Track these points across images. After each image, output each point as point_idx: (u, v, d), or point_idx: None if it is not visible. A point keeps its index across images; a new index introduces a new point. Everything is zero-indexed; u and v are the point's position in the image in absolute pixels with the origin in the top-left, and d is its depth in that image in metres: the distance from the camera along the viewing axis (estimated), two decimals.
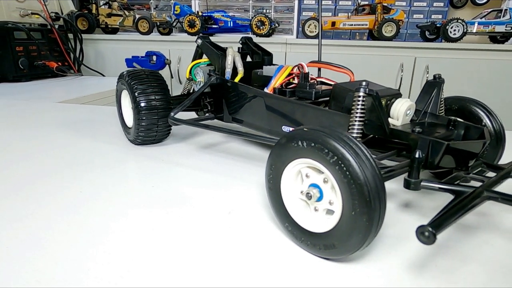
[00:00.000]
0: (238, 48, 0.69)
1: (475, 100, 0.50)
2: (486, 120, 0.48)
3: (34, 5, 1.51)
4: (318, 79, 0.56)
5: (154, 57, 1.54)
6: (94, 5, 1.90)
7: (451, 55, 1.73)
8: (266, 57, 0.68)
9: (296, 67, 0.54)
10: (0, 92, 1.23)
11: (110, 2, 1.95)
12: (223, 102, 0.60)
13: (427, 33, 1.93)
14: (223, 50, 0.62)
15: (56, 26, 1.69)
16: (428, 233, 0.26)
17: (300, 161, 0.34)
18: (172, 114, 0.57)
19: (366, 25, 1.87)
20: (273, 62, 0.69)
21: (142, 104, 0.59)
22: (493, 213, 0.44)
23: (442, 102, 0.48)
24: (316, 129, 0.32)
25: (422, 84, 0.53)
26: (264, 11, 2.09)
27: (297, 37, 2.12)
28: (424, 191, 0.48)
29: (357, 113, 0.38)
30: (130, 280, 0.31)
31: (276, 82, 0.52)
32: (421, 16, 2.07)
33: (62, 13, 1.67)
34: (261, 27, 1.86)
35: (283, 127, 0.51)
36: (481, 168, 0.42)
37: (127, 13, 1.94)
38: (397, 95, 0.45)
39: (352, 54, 1.80)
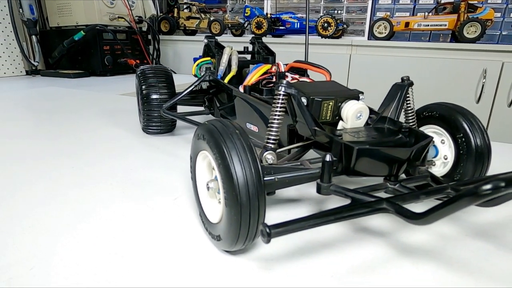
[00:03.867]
0: (245, 47, 0.71)
1: (457, 109, 0.44)
2: (466, 131, 0.42)
3: (122, 9, 1.73)
4: (301, 79, 0.55)
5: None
6: (176, 9, 2.09)
7: None
8: (269, 57, 0.69)
9: (275, 66, 0.54)
10: (85, 84, 1.46)
11: (190, 6, 2.12)
12: (214, 98, 0.64)
13: None
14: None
15: (145, 28, 1.92)
16: (264, 232, 0.26)
17: (205, 154, 0.36)
18: (164, 106, 0.62)
19: (445, 25, 1.69)
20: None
21: (146, 96, 0.66)
22: (456, 237, 0.39)
23: (409, 106, 0.44)
24: (212, 123, 0.34)
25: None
26: (335, 12, 2.04)
27: (368, 39, 2.02)
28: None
29: (276, 111, 0.38)
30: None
31: (250, 80, 0.53)
32: None
33: (146, 17, 1.89)
34: (328, 28, 1.83)
35: (246, 124, 0.52)
36: (426, 182, 0.37)
37: (203, 16, 2.09)
38: (352, 97, 0.43)
39: (426, 57, 1.65)
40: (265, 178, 0.35)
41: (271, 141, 0.38)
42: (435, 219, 0.26)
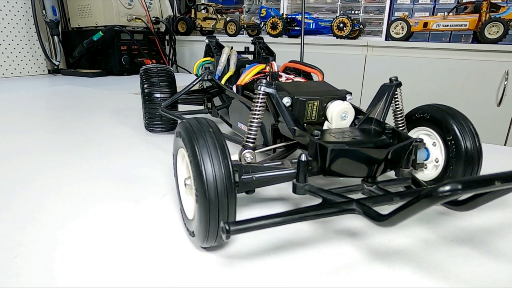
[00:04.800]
0: (246, 47, 0.72)
1: (448, 111, 0.43)
2: (456, 134, 0.41)
3: (140, 10, 1.78)
4: (296, 79, 0.55)
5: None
6: (193, 10, 2.12)
7: None
8: (269, 57, 0.69)
9: (269, 66, 0.54)
10: (101, 83, 1.51)
11: (207, 6, 2.15)
12: (211, 97, 0.65)
13: None
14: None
15: (163, 29, 1.96)
16: (223, 229, 0.26)
17: (182, 151, 0.36)
18: (163, 105, 0.64)
19: (466, 25, 1.64)
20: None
21: (148, 95, 0.68)
22: (440, 242, 0.38)
23: (398, 107, 0.43)
24: (188, 122, 0.34)
25: None
26: (352, 12, 2.01)
27: (386, 40, 1.98)
28: None
29: (255, 110, 0.38)
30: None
31: (243, 80, 0.54)
32: None
33: (163, 17, 1.92)
34: (343, 29, 1.81)
35: (238, 123, 0.52)
36: (407, 184, 0.37)
37: (219, 16, 2.11)
38: (338, 97, 0.42)
39: (445, 58, 1.60)
40: (242, 177, 0.36)
41: (250, 140, 0.38)
42: (398, 220, 0.26)
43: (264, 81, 0.38)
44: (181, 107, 0.75)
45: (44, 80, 1.57)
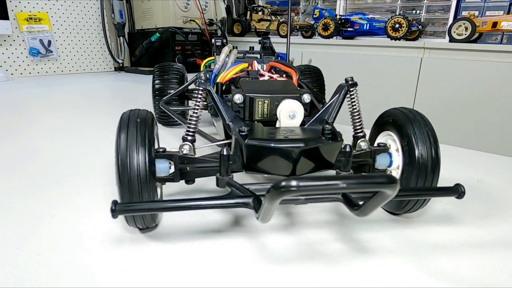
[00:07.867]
0: (250, 47, 0.73)
1: (408, 115, 0.40)
2: (410, 139, 0.38)
3: (195, 13, 1.88)
4: (279, 78, 0.55)
5: (279, 58, 1.67)
6: (249, 12, 2.18)
7: None
8: (271, 57, 0.69)
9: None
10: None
11: (263, 8, 2.19)
12: None
13: None
14: None
15: (219, 33, 2.05)
16: (110, 208, 0.29)
17: None
18: (163, 100, 0.68)
19: None
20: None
21: (158, 90, 0.73)
22: (377, 253, 0.36)
23: (355, 109, 0.41)
24: (125, 112, 0.38)
25: None
26: (414, 12, 1.88)
27: (450, 41, 1.81)
28: None
29: (195, 105, 0.39)
30: None
31: (224, 78, 0.55)
32: None
33: (217, 19, 2.01)
34: (399, 30, 1.71)
35: (214, 119, 0.54)
36: None
37: (273, 18, 2.14)
38: (291, 96, 0.42)
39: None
40: (179, 167, 0.38)
41: (190, 134, 0.40)
42: (263, 216, 0.26)
43: (202, 77, 0.40)
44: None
45: (107, 76, 1.76)
